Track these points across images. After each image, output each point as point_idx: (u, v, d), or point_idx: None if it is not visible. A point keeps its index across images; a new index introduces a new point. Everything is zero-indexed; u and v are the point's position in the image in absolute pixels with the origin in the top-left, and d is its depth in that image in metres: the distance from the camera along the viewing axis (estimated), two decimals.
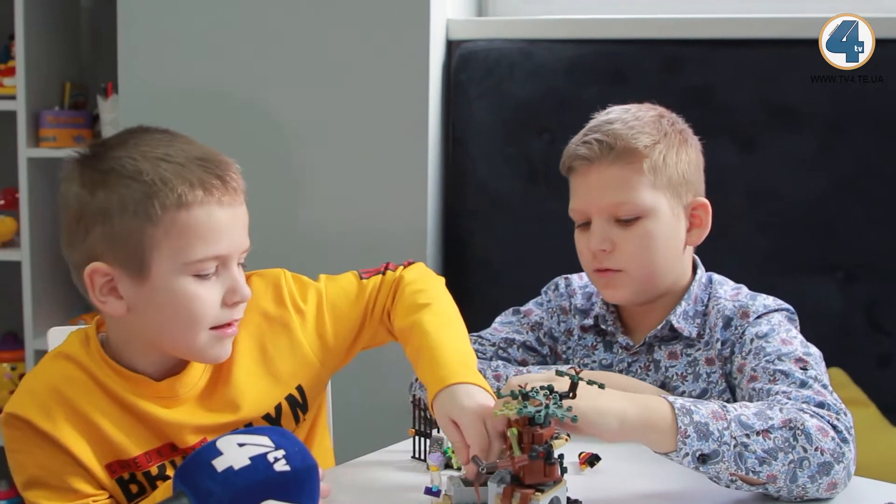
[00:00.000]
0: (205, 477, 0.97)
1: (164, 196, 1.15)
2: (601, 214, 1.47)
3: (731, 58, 2.28)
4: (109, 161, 1.18)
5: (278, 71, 2.39)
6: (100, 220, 1.17)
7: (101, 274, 1.18)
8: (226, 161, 1.22)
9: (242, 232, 1.23)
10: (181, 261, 1.17)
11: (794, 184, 2.25)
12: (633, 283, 1.48)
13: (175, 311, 1.18)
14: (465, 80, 2.42)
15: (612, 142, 1.46)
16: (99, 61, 2.94)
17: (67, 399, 1.20)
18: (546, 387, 1.06)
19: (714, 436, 1.15)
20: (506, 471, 1.02)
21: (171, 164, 1.17)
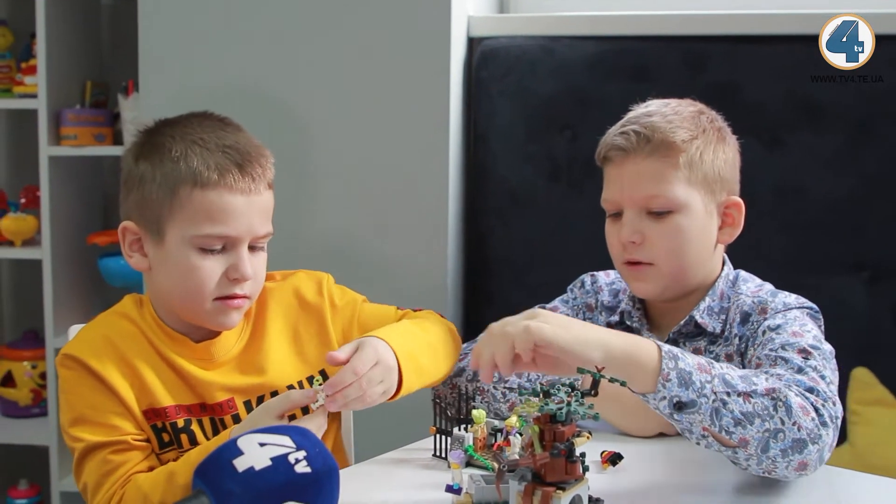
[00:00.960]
0: (225, 476, 0.98)
1: (183, 174, 1.33)
2: (633, 206, 1.49)
3: (756, 54, 2.27)
4: (158, 136, 1.38)
5: (299, 68, 2.40)
6: (136, 186, 1.37)
7: (131, 232, 1.39)
8: (254, 153, 1.38)
9: (257, 219, 1.37)
10: (189, 234, 1.33)
11: (820, 182, 2.24)
12: (662, 278, 1.49)
13: (181, 276, 1.35)
14: (487, 77, 2.42)
15: (650, 134, 1.47)
16: (120, 60, 2.96)
17: (117, 347, 1.36)
18: (568, 384, 1.06)
19: (695, 386, 1.15)
20: (527, 468, 1.03)
21: (200, 147, 1.35)
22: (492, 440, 1.32)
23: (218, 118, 1.43)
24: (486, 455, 1.29)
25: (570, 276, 1.76)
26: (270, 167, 1.41)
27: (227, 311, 1.37)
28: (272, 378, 1.42)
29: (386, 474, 1.30)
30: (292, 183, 2.40)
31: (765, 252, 2.17)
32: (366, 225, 2.39)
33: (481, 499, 1.11)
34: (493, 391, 1.50)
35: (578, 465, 1.03)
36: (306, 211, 2.41)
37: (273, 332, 1.46)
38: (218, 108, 2.41)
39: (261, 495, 0.97)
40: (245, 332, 1.45)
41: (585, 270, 1.75)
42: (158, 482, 1.27)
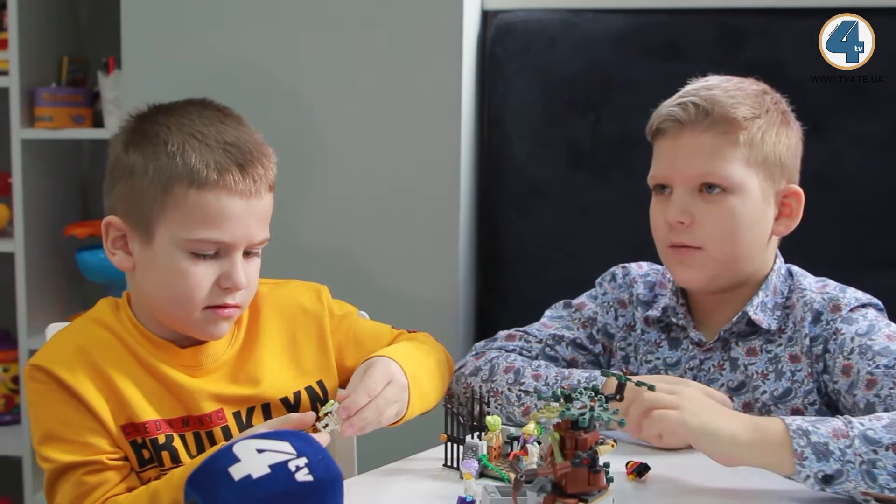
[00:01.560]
0: (220, 485, 0.98)
1: (180, 171, 1.31)
2: (685, 183, 1.50)
3: (798, 29, 2.28)
4: (151, 124, 1.36)
5: (298, 44, 2.41)
6: (125, 177, 1.35)
7: (116, 227, 1.37)
8: (256, 151, 1.37)
9: (255, 224, 1.36)
10: (180, 236, 1.32)
11: (867, 170, 2.25)
12: (710, 265, 1.50)
13: (169, 281, 1.34)
14: (502, 54, 2.44)
15: (710, 107, 1.48)
16: (100, 33, 2.97)
17: (92, 358, 1.34)
18: (590, 388, 1.07)
19: (835, 455, 1.19)
20: (546, 479, 1.04)
21: (199, 142, 1.33)
22: (507, 449, 1.34)
23: (218, 108, 1.41)
24: (501, 465, 1.31)
25: (592, 271, 1.77)
26: (273, 167, 1.40)
27: (217, 321, 1.36)
28: (266, 388, 1.43)
29: (393, 485, 1.31)
30: (293, 172, 2.41)
31: (807, 245, 2.17)
32: (371, 217, 2.40)
33: None
34: (508, 393, 1.52)
35: (602, 475, 1.04)
36: (308, 202, 2.43)
37: (268, 338, 1.47)
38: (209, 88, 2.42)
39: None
40: (237, 337, 1.45)
41: (609, 265, 1.76)
42: (140, 503, 1.27)
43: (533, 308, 1.73)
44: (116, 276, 2.69)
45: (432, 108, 2.36)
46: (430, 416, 1.49)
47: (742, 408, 1.49)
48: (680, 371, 1.56)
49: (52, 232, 2.91)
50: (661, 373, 1.57)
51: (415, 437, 1.58)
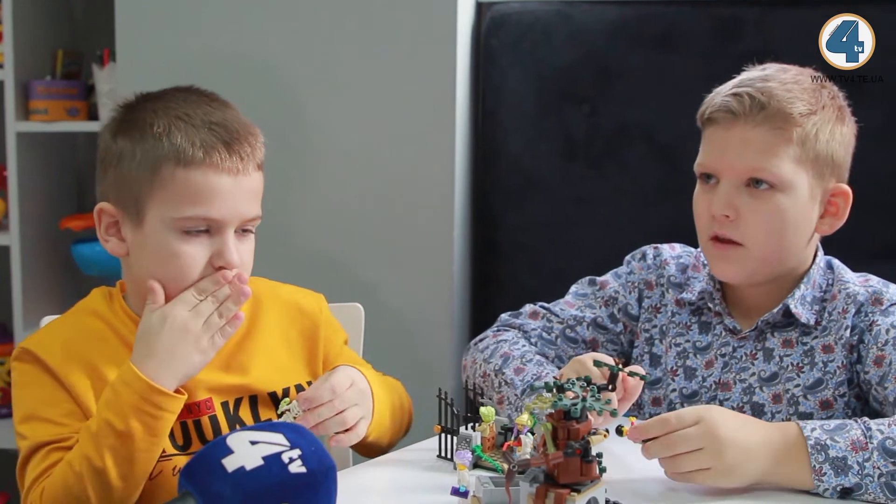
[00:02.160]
0: (214, 477, 0.98)
1: (166, 152, 1.34)
2: (732, 176, 1.48)
3: (794, 20, 2.28)
4: (138, 111, 1.39)
5: (292, 35, 2.41)
6: (114, 164, 1.38)
7: (108, 214, 1.39)
8: (243, 131, 1.39)
9: (245, 201, 1.38)
10: (170, 215, 1.34)
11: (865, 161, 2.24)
12: (750, 262, 1.49)
13: (161, 262, 1.35)
14: (497, 45, 2.43)
15: (766, 100, 1.46)
16: (94, 26, 2.96)
17: (81, 347, 1.37)
18: (583, 378, 1.08)
19: (854, 469, 1.21)
20: (539, 469, 1.04)
21: (185, 123, 1.36)
22: (501, 439, 1.34)
23: (204, 93, 1.44)
24: (494, 455, 1.31)
25: (587, 262, 1.77)
26: (260, 146, 1.42)
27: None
28: (255, 380, 1.44)
29: (387, 477, 1.32)
30: (284, 163, 2.42)
31: None
32: (364, 209, 2.40)
33: (490, 502, 1.13)
34: (493, 379, 1.53)
35: (595, 465, 1.05)
36: (302, 193, 2.43)
37: (265, 332, 1.48)
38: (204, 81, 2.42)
39: (252, 497, 0.97)
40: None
41: (605, 256, 1.76)
42: (78, 444, 1.28)
43: (528, 299, 1.74)
44: (112, 268, 2.69)
45: (427, 100, 2.36)
46: (425, 407, 1.49)
47: (771, 399, 1.49)
48: (710, 356, 1.55)
49: (47, 225, 2.91)
50: (691, 356, 1.57)
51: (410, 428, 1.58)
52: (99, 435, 1.25)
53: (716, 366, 1.54)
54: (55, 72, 2.89)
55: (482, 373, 1.57)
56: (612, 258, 1.73)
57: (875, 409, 1.43)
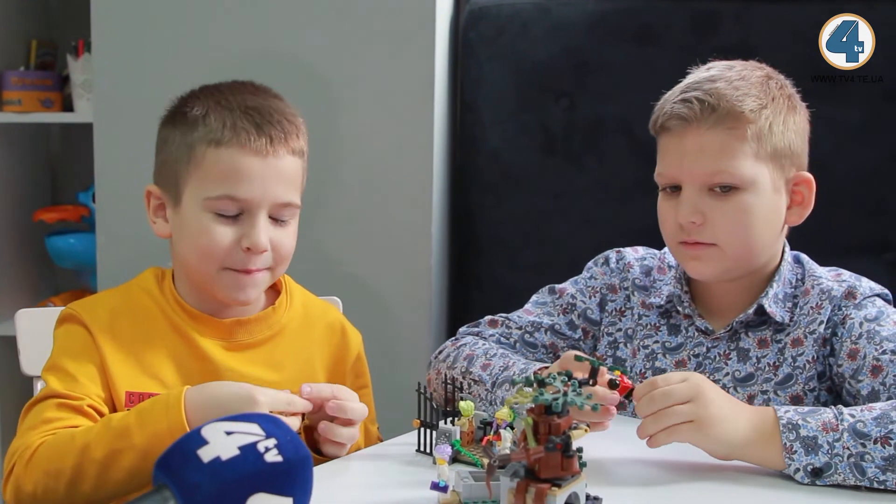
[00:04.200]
0: (190, 468, 0.98)
1: (200, 132, 1.39)
2: (694, 182, 1.47)
3: (771, 15, 2.29)
4: (187, 99, 1.46)
5: (268, 26, 2.40)
6: (162, 148, 1.46)
7: (155, 196, 1.46)
8: (277, 115, 1.42)
9: (276, 184, 1.40)
10: (201, 195, 1.39)
11: (841, 157, 2.26)
12: (724, 260, 1.49)
13: (192, 240, 1.40)
14: (476, 38, 2.43)
15: (715, 102, 1.45)
16: (69, 16, 2.95)
17: (125, 320, 1.41)
18: (564, 373, 1.07)
19: (824, 448, 1.21)
20: (520, 464, 1.04)
21: (222, 107, 1.41)
22: (480, 434, 1.34)
23: (254, 85, 1.48)
24: (474, 450, 1.31)
25: (566, 257, 1.77)
26: (297, 134, 1.45)
27: (240, 284, 1.41)
28: (285, 379, 1.44)
29: (366, 471, 1.31)
30: None
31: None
32: (344, 201, 2.39)
33: (469, 497, 1.13)
34: (462, 381, 1.53)
35: (575, 460, 1.04)
36: None
37: (304, 335, 1.51)
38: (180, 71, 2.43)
39: (228, 487, 0.97)
40: (277, 322, 1.49)
41: (583, 251, 1.76)
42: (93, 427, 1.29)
43: (506, 294, 1.74)
44: (87, 261, 2.68)
45: (405, 93, 2.35)
46: (403, 401, 1.49)
47: (746, 399, 1.49)
48: (681, 356, 1.56)
49: (20, 217, 2.90)
50: (660, 356, 1.57)
51: (388, 423, 1.58)
52: (113, 431, 1.26)
53: (688, 366, 1.54)
54: (29, 62, 2.88)
55: (450, 378, 1.55)
56: (591, 252, 1.73)
57: (847, 402, 1.44)
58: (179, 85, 2.39)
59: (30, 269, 2.96)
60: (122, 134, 2.45)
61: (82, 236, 2.82)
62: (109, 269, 2.46)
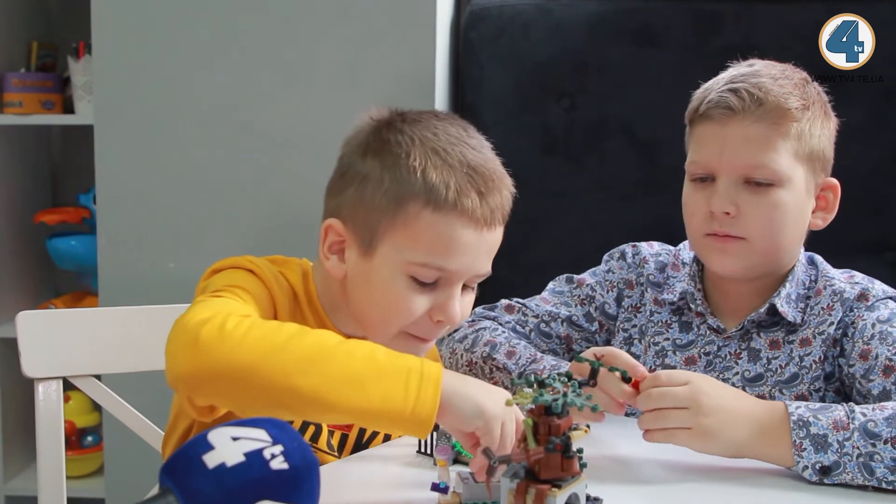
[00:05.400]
0: (194, 474, 0.97)
1: (417, 189, 1.26)
2: (731, 173, 1.48)
3: (772, 15, 2.30)
4: (394, 132, 1.32)
5: (273, 27, 2.40)
6: (357, 183, 1.31)
7: (336, 232, 1.33)
8: (497, 180, 1.31)
9: (483, 257, 1.31)
10: (403, 258, 1.28)
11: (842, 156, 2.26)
12: (752, 256, 1.49)
13: (381, 300, 1.30)
14: (476, 39, 2.44)
15: (763, 96, 1.46)
16: (70, 18, 2.96)
17: (280, 293, 1.33)
18: (564, 373, 1.08)
19: (833, 447, 1.22)
20: (520, 465, 1.04)
21: (441, 160, 1.27)
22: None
23: (462, 126, 1.35)
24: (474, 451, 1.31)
25: (566, 257, 1.78)
26: (510, 199, 1.34)
27: (414, 350, 1.31)
28: None
29: (367, 472, 1.31)
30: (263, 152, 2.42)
31: None
32: None
33: (470, 498, 1.14)
34: (483, 366, 1.54)
35: (576, 461, 1.05)
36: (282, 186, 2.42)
37: None
38: (182, 72, 2.43)
39: (233, 494, 0.96)
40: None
41: (584, 251, 1.77)
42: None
43: (507, 293, 1.74)
44: (88, 263, 2.69)
45: (406, 94, 2.36)
46: None
47: None
48: (691, 353, 1.57)
49: (21, 219, 2.90)
50: (670, 354, 1.58)
51: None
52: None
53: (698, 364, 1.55)
54: (30, 64, 2.87)
55: (466, 361, 1.57)
56: (592, 253, 1.73)
57: (858, 402, 1.44)
58: (184, 89, 2.42)
59: (31, 271, 2.97)
60: (122, 135, 2.46)
61: (83, 238, 2.83)
62: (110, 270, 2.47)
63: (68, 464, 1.66)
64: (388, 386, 1.08)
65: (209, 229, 2.45)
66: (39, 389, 1.55)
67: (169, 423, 1.44)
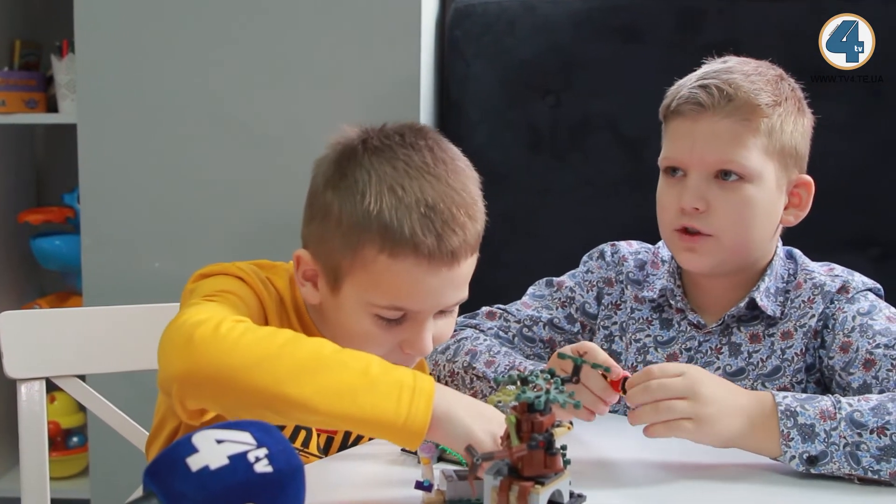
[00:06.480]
0: (177, 477, 0.97)
1: (372, 233, 1.23)
2: (702, 169, 1.49)
3: (756, 12, 2.31)
4: (353, 164, 1.27)
5: (257, 25, 2.40)
6: (320, 218, 1.29)
7: (306, 262, 1.31)
8: (460, 216, 1.25)
9: (450, 292, 1.28)
10: (365, 299, 1.26)
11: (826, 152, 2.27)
12: (720, 252, 1.50)
13: (352, 333, 1.29)
14: (462, 36, 2.44)
15: (733, 92, 1.47)
16: (53, 17, 2.95)
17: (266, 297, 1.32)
18: (547, 370, 1.09)
19: (820, 437, 1.23)
20: (503, 462, 1.04)
21: (397, 199, 1.22)
22: None
23: (430, 147, 1.29)
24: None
25: (552, 254, 1.78)
26: (477, 227, 1.30)
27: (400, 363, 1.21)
28: None
29: (351, 471, 1.32)
30: (248, 151, 2.42)
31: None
32: None
33: (454, 496, 1.14)
34: (464, 375, 1.54)
35: (559, 457, 1.05)
36: (265, 185, 2.42)
37: None
38: (165, 71, 2.43)
39: (216, 497, 0.95)
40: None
41: (570, 248, 1.77)
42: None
43: (493, 292, 1.74)
44: (72, 262, 2.68)
45: (391, 92, 2.36)
46: None
47: None
48: (673, 349, 1.57)
49: (5, 219, 2.89)
50: (652, 350, 1.59)
51: None
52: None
53: (680, 360, 1.56)
54: (13, 63, 2.87)
55: (448, 372, 1.57)
56: (577, 250, 1.74)
57: (837, 394, 1.45)
58: (169, 88, 2.41)
59: (15, 270, 2.96)
60: (106, 135, 2.45)
61: (67, 238, 2.82)
62: (95, 270, 2.47)
63: (54, 465, 1.65)
64: (380, 400, 1.09)
65: (194, 229, 2.45)
66: (22, 390, 1.55)
67: (154, 425, 1.43)
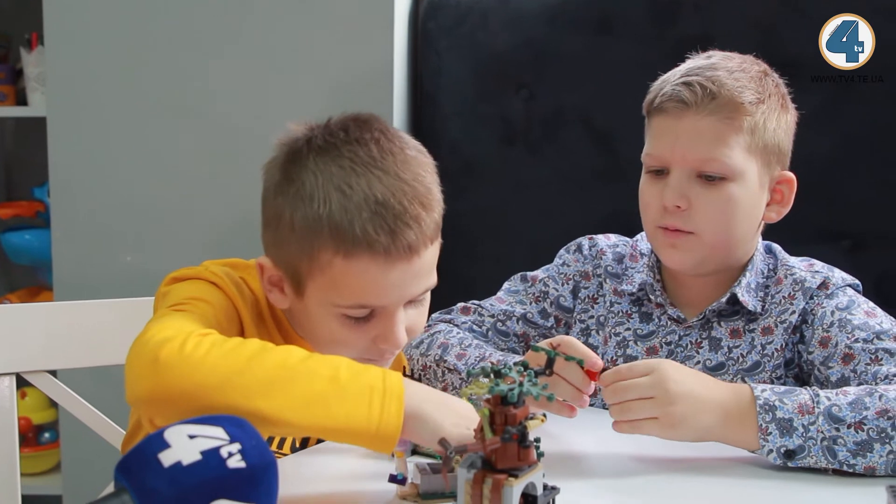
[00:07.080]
0: (150, 472, 0.96)
1: (324, 237, 1.21)
2: (684, 166, 1.49)
3: (731, 5, 2.31)
4: (298, 167, 1.25)
5: (227, 17, 2.39)
6: (273, 225, 1.27)
7: (269, 269, 1.29)
8: (412, 209, 1.22)
9: (414, 283, 1.26)
10: (329, 300, 1.25)
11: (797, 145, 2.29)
12: (702, 250, 1.50)
13: (322, 335, 1.29)
14: (434, 29, 2.44)
15: (716, 90, 1.46)
16: (22, 9, 2.92)
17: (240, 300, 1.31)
18: (520, 363, 1.09)
19: (798, 431, 1.23)
20: (476, 455, 1.05)
21: (346, 199, 1.20)
22: None
23: (377, 139, 1.26)
24: None
25: (526, 247, 1.78)
26: (433, 217, 1.27)
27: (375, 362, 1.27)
28: None
29: (324, 465, 1.32)
30: (220, 145, 2.41)
31: None
32: None
33: (428, 489, 1.14)
34: (436, 368, 1.54)
35: (532, 450, 1.05)
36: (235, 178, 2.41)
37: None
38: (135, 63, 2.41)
39: (188, 493, 0.95)
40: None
41: (544, 241, 1.78)
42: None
43: (467, 285, 1.75)
44: (43, 257, 2.66)
45: (364, 85, 2.36)
46: None
47: None
48: (653, 343, 1.58)
49: None
50: (632, 344, 1.59)
51: None
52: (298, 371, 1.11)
53: (660, 354, 1.57)
54: None
55: (421, 366, 1.58)
56: (552, 243, 1.74)
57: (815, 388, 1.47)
58: (139, 80, 2.40)
59: None
60: (76, 128, 2.44)
61: (38, 232, 2.81)
62: (65, 265, 2.45)
63: (25, 461, 1.65)
64: (352, 408, 1.09)
65: (165, 222, 2.44)
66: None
67: (130, 427, 1.42)
